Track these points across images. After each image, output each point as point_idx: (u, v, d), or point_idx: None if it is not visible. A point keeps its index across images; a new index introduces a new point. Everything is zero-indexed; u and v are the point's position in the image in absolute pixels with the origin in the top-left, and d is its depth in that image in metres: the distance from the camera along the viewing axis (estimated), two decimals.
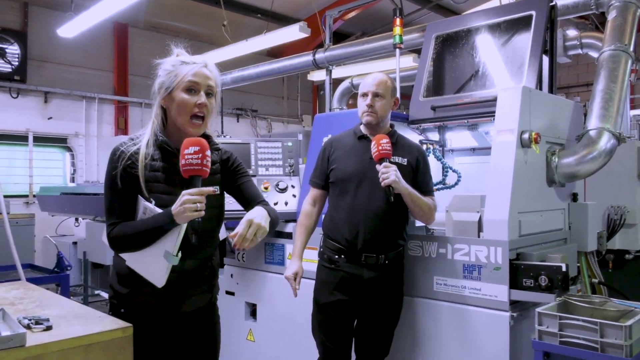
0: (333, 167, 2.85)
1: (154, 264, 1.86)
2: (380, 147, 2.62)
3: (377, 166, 2.61)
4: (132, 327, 1.79)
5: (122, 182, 1.90)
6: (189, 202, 1.75)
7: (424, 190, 2.78)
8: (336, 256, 2.77)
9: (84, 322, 1.81)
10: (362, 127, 2.89)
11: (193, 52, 2.10)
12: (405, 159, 2.79)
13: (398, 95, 3.71)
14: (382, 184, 2.56)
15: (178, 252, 1.84)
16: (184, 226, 1.81)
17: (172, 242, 1.82)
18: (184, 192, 1.78)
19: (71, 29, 7.35)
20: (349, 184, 2.76)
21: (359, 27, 10.89)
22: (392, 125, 2.95)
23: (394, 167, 2.59)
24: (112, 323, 1.80)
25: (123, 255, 1.96)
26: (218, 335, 2.19)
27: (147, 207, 1.86)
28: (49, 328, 1.71)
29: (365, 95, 2.83)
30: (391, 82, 2.87)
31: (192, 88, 1.92)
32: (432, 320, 2.87)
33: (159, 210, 1.84)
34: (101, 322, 1.81)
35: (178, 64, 1.96)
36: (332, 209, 2.87)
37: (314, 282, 3.39)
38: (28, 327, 1.69)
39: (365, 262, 2.71)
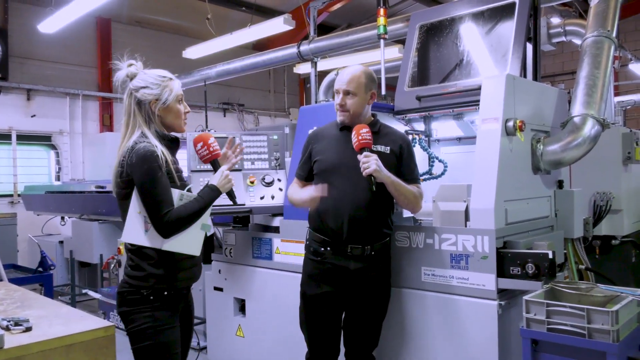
0: (316, 159, 2.82)
1: (192, 238, 2.27)
2: (360, 137, 2.59)
3: (358, 156, 2.58)
4: (114, 327, 1.77)
5: (163, 178, 2.21)
6: (229, 175, 2.36)
7: (408, 178, 2.73)
8: (322, 248, 2.74)
9: (65, 322, 1.78)
10: (338, 119, 2.85)
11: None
12: (389, 147, 2.74)
13: (383, 86, 3.70)
14: (364, 173, 2.53)
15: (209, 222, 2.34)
16: None
17: (207, 215, 2.31)
18: (221, 169, 2.37)
19: (52, 24, 7.23)
20: (332, 175, 2.73)
21: (345, 19, 10.84)
22: (374, 115, 2.90)
23: (375, 156, 2.56)
24: (93, 323, 1.77)
25: (165, 241, 2.21)
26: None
27: (183, 194, 2.27)
28: (28, 329, 1.68)
29: (337, 92, 2.78)
30: (365, 77, 2.76)
31: (181, 99, 2.39)
32: (420, 310, 2.87)
33: (194, 195, 2.28)
34: (82, 322, 1.78)
35: (166, 79, 2.35)
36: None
37: None
38: (7, 328, 1.66)
39: (351, 254, 2.68)
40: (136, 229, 2.20)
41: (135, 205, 2.21)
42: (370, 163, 2.52)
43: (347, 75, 2.74)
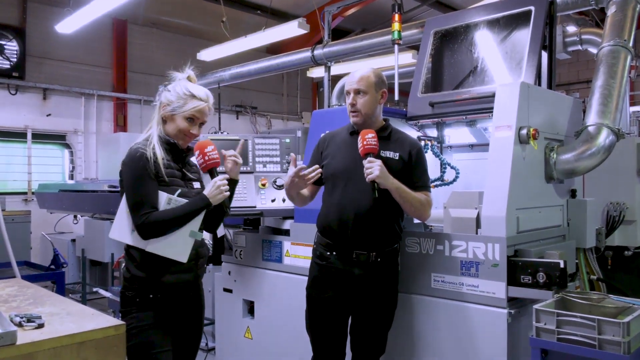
0: (325, 163, 2.81)
1: (179, 243, 2.26)
2: (365, 142, 2.57)
3: (363, 161, 2.57)
4: (125, 325, 1.78)
5: (149, 178, 2.23)
6: (222, 185, 2.33)
7: (417, 185, 2.69)
8: (327, 252, 2.73)
9: (77, 320, 1.80)
10: (351, 120, 2.84)
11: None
12: (397, 154, 2.71)
13: (396, 92, 3.70)
14: (367, 179, 2.51)
15: (200, 229, 2.34)
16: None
17: (197, 222, 2.32)
18: (214, 180, 2.35)
19: (69, 25, 7.33)
20: (339, 179, 2.73)
21: (360, 24, 10.85)
22: (386, 120, 2.87)
23: (379, 162, 2.52)
24: (105, 321, 1.79)
25: (149, 242, 2.23)
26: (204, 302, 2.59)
27: (172, 198, 2.26)
28: (40, 326, 1.70)
29: (348, 93, 2.77)
30: (375, 76, 2.74)
31: (192, 118, 2.38)
32: (429, 317, 2.86)
33: (183, 200, 2.28)
34: (94, 320, 1.80)
35: (190, 95, 2.37)
36: (324, 205, 2.83)
37: None
38: (20, 325, 1.68)
39: (357, 259, 2.67)
40: (123, 227, 2.25)
41: (124, 203, 2.28)
42: (373, 169, 2.50)
43: (356, 76, 2.74)
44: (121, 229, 2.26)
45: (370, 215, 2.64)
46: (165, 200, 2.25)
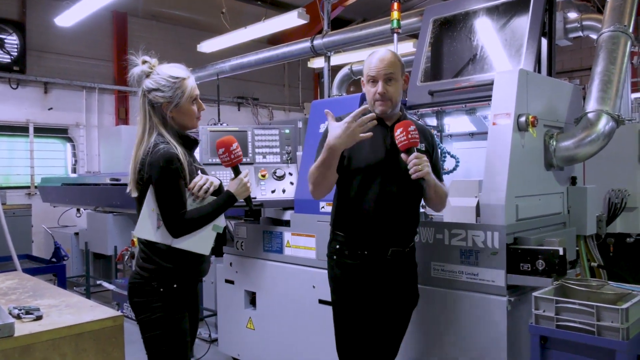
0: (349, 154, 2.47)
1: (203, 237, 2.32)
2: (410, 135, 2.31)
3: (403, 155, 2.34)
4: (123, 317, 1.79)
5: (180, 181, 2.25)
6: (248, 182, 2.40)
7: (439, 176, 2.58)
8: (359, 252, 2.48)
9: (76, 312, 1.81)
10: (377, 110, 2.48)
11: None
12: (423, 144, 2.52)
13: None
14: (414, 176, 2.29)
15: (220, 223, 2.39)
16: None
17: (221, 216, 2.38)
18: (240, 176, 2.40)
19: (69, 18, 7.31)
20: (371, 173, 2.46)
21: (361, 13, 10.79)
22: (401, 108, 2.62)
23: (426, 157, 2.34)
24: (102, 312, 1.80)
25: (175, 239, 2.27)
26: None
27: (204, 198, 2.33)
28: (39, 318, 1.71)
29: (373, 80, 2.46)
30: (399, 59, 2.51)
31: (194, 99, 2.37)
32: (429, 306, 2.86)
33: (211, 197, 2.34)
34: (92, 312, 1.81)
35: (180, 79, 2.31)
36: (351, 203, 2.51)
37: (312, 269, 3.40)
38: (18, 317, 1.69)
39: (391, 257, 2.49)
40: (149, 226, 2.26)
41: (149, 202, 2.26)
42: (423, 165, 2.29)
43: (383, 60, 2.43)
44: (146, 227, 2.28)
45: (408, 211, 2.52)
46: (192, 199, 2.31)
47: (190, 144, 2.42)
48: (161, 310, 2.24)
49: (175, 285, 2.29)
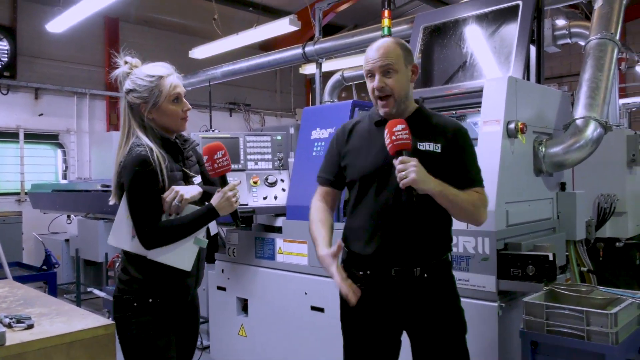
0: (347, 163, 2.23)
1: (183, 251, 2.14)
2: (393, 137, 1.97)
3: (394, 161, 1.99)
4: (115, 325, 1.79)
5: (153, 187, 2.08)
6: (232, 197, 2.14)
7: (466, 180, 2.10)
8: (360, 272, 2.16)
9: (67, 320, 1.80)
10: (380, 112, 2.17)
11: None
12: (439, 144, 2.11)
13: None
14: (400, 184, 1.94)
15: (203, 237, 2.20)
16: None
17: (201, 230, 2.18)
18: (224, 189, 2.15)
19: (60, 23, 7.27)
20: (367, 183, 2.16)
21: (352, 20, 10.84)
22: (418, 101, 2.25)
23: (414, 162, 1.94)
24: (94, 321, 1.79)
25: (151, 251, 2.10)
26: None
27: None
28: (30, 326, 1.70)
29: (371, 75, 2.13)
30: (401, 47, 2.14)
31: (176, 98, 2.18)
32: None
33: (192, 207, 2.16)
34: (84, 320, 1.80)
35: (157, 77, 2.15)
36: (349, 216, 2.27)
37: (304, 276, 3.41)
38: (9, 326, 1.68)
39: (397, 277, 2.11)
40: (123, 234, 2.13)
41: (124, 209, 2.12)
42: (408, 171, 1.92)
43: (378, 50, 2.11)
44: (120, 235, 2.13)
45: (409, 224, 2.10)
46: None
47: (174, 148, 2.21)
48: (134, 327, 2.08)
49: (150, 300, 2.11)
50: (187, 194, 2.15)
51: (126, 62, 2.20)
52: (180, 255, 2.13)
